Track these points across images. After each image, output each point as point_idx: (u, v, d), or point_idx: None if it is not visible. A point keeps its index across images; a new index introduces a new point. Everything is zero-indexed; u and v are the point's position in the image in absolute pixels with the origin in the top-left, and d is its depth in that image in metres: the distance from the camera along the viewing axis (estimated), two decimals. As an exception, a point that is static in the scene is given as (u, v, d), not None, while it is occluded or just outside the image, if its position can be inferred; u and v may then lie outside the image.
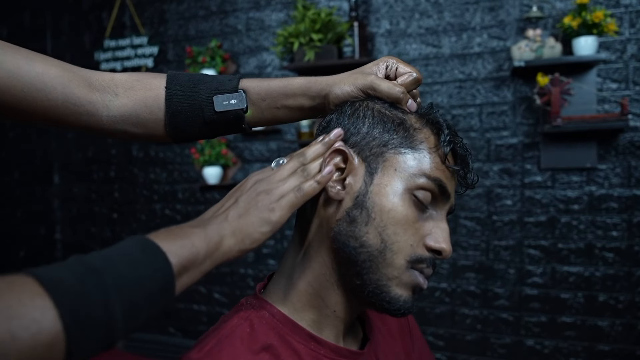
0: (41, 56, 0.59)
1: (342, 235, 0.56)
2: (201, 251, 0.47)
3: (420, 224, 0.56)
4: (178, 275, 0.45)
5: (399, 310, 0.56)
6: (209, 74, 0.67)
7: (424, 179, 0.55)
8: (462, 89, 2.32)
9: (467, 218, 2.33)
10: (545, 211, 2.22)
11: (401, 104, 0.60)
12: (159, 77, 0.65)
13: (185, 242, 0.46)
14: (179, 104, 0.63)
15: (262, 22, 2.64)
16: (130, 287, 0.40)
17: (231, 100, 0.63)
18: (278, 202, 0.52)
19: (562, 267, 2.19)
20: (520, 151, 2.25)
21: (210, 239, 0.48)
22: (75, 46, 3.02)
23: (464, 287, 2.33)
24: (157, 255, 0.43)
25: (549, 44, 2.08)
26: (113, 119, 0.64)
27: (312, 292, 0.58)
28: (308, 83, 0.63)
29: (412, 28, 2.39)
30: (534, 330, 2.22)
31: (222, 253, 0.49)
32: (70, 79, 0.60)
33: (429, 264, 0.56)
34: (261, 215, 0.51)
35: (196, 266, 0.47)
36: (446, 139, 0.57)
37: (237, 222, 0.50)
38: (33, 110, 0.58)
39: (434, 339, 2.37)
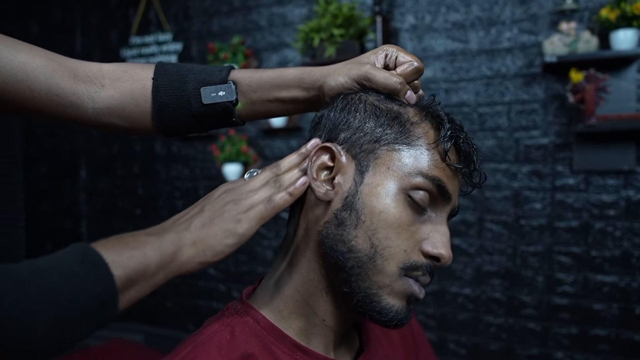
0: (26, 45, 0.57)
1: (329, 238, 0.51)
2: (152, 262, 0.43)
3: (417, 228, 0.50)
4: (123, 289, 0.41)
5: (390, 321, 0.50)
6: (199, 65, 0.62)
7: (420, 178, 0.50)
8: (489, 86, 2.22)
9: (493, 221, 2.22)
10: (578, 216, 2.08)
11: (399, 95, 0.54)
12: (147, 68, 0.62)
13: (134, 252, 0.43)
14: (165, 95, 0.60)
15: (285, 17, 2.60)
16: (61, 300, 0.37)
17: (219, 92, 0.59)
18: (246, 213, 0.48)
19: (596, 276, 2.06)
20: (551, 152, 2.12)
21: (164, 249, 0.44)
22: (103, 43, 3.07)
23: (489, 293, 2.22)
24: (97, 267, 0.40)
25: (584, 38, 1.95)
26: (99, 111, 0.60)
27: (299, 298, 0.54)
28: (302, 74, 0.58)
29: (438, 22, 2.30)
30: (564, 343, 2.09)
31: (179, 264, 0.45)
32: (55, 69, 0.57)
33: (425, 271, 0.50)
34: (226, 226, 0.47)
35: (147, 278, 0.43)
36: (447, 133, 0.51)
37: (199, 232, 0.47)
38: (16, 101, 0.56)
39: (455, 346, 2.28)
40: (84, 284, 0.38)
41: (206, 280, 2.82)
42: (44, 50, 0.58)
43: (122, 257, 0.41)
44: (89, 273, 0.39)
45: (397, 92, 0.54)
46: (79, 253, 0.40)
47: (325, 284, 0.53)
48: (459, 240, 2.28)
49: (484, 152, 2.23)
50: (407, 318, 0.51)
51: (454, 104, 2.27)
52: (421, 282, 0.51)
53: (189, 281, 2.87)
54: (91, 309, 0.39)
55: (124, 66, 0.62)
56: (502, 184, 2.20)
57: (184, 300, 2.89)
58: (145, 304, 2.98)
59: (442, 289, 2.31)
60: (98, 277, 0.39)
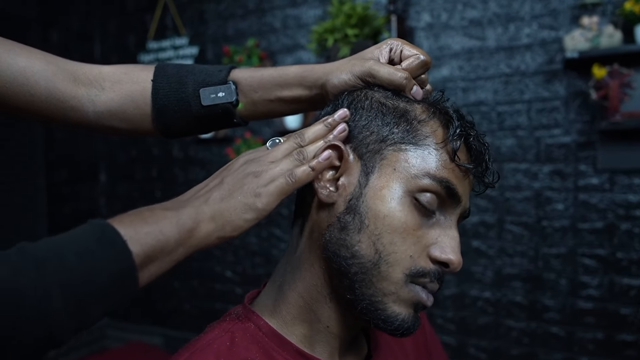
0: (27, 49, 0.56)
1: (332, 243, 0.49)
2: (171, 238, 0.42)
3: (424, 232, 0.48)
4: (142, 266, 0.41)
5: (396, 330, 0.48)
6: (200, 65, 0.62)
7: (427, 179, 0.47)
8: (508, 84, 2.16)
9: (514, 223, 2.16)
10: (603, 217, 2.01)
11: (405, 91, 0.52)
12: (147, 69, 0.61)
13: (152, 228, 0.42)
14: (165, 98, 0.59)
15: (299, 19, 2.59)
16: (77, 280, 0.36)
17: (219, 93, 0.58)
18: (266, 187, 0.46)
19: (622, 279, 1.98)
20: (574, 151, 2.06)
21: (183, 224, 0.43)
22: (121, 48, 3.11)
23: (510, 297, 2.16)
24: (114, 244, 0.39)
25: (607, 32, 1.89)
26: (99, 114, 0.60)
27: (302, 304, 0.52)
28: (303, 72, 0.57)
29: (454, 20, 2.25)
30: (589, 348, 2.02)
31: (198, 240, 0.44)
32: (55, 72, 0.57)
33: (433, 277, 0.48)
34: (246, 200, 0.45)
35: (165, 254, 0.42)
36: (456, 132, 0.48)
37: (218, 206, 0.45)
38: (16, 105, 0.56)
39: (475, 351, 2.22)
40: (101, 262, 0.38)
41: (223, 283, 2.83)
42: (44, 53, 0.57)
43: (139, 233, 0.41)
44: (107, 251, 0.39)
45: (403, 87, 0.52)
46: (96, 230, 0.39)
47: (329, 290, 0.51)
48: (479, 242, 2.23)
49: (503, 152, 2.17)
50: (415, 326, 0.49)
51: (472, 103, 2.23)
52: (429, 289, 0.49)
53: (206, 284, 2.88)
54: (109, 287, 0.38)
55: (124, 68, 0.61)
56: (522, 185, 2.14)
57: (201, 303, 2.90)
58: (164, 307, 3.00)
59: (461, 292, 2.26)
60: (115, 255, 0.39)
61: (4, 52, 0.54)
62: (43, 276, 0.35)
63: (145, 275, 0.42)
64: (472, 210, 2.21)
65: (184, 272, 2.94)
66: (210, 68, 0.60)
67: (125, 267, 0.39)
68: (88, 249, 0.38)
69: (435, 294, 0.50)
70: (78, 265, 0.37)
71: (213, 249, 2.85)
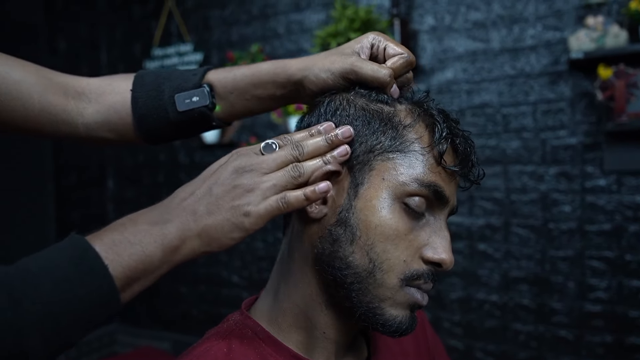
0: (20, 62, 0.57)
1: (325, 255, 0.49)
2: (155, 258, 0.42)
3: (415, 235, 0.48)
4: (125, 287, 0.41)
5: (395, 332, 0.49)
6: (178, 69, 0.61)
7: (415, 185, 0.47)
8: (513, 86, 2.15)
9: (520, 225, 2.14)
10: (610, 219, 1.99)
11: (385, 89, 0.51)
12: (127, 79, 0.61)
13: (135, 249, 0.41)
14: (144, 107, 0.59)
15: (302, 24, 2.60)
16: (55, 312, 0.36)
17: (193, 97, 0.57)
18: (257, 206, 0.44)
19: (631, 281, 1.96)
20: (580, 152, 2.04)
21: (168, 244, 0.43)
22: (127, 56, 3.14)
23: (517, 300, 2.15)
24: (95, 271, 0.39)
25: (613, 32, 1.87)
26: (88, 126, 0.61)
27: (298, 312, 0.52)
28: (275, 69, 0.55)
29: (458, 23, 2.24)
30: (598, 352, 2.00)
31: (183, 256, 0.44)
32: (47, 86, 0.57)
33: (427, 278, 0.48)
34: (234, 219, 0.44)
35: (149, 273, 0.42)
36: (442, 136, 0.48)
37: (205, 221, 0.44)
38: (10, 119, 0.56)
39: (483, 355, 2.21)
40: (81, 290, 0.38)
41: (230, 288, 2.84)
42: (37, 67, 0.58)
43: (122, 256, 0.40)
44: (86, 279, 0.38)
45: (386, 85, 0.51)
46: (75, 253, 0.39)
47: (324, 298, 0.51)
48: (485, 245, 2.21)
49: (509, 154, 2.16)
50: (412, 326, 0.50)
51: (477, 105, 2.21)
52: (423, 290, 0.49)
53: (213, 289, 2.89)
54: (90, 313, 0.39)
55: (107, 79, 0.62)
56: (528, 187, 2.13)
57: (208, 308, 2.91)
58: (172, 312, 3.02)
59: (468, 295, 2.24)
60: (97, 282, 0.39)
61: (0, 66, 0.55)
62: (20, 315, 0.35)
63: (127, 295, 0.42)
64: (478, 213, 2.20)
65: (192, 278, 2.96)
66: (186, 72, 0.60)
67: (106, 292, 0.39)
68: (67, 278, 0.37)
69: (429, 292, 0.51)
70: (57, 297, 0.37)
71: (219, 254, 2.86)
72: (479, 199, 2.21)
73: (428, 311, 2.31)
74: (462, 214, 2.24)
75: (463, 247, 2.25)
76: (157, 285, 3.07)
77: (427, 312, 2.30)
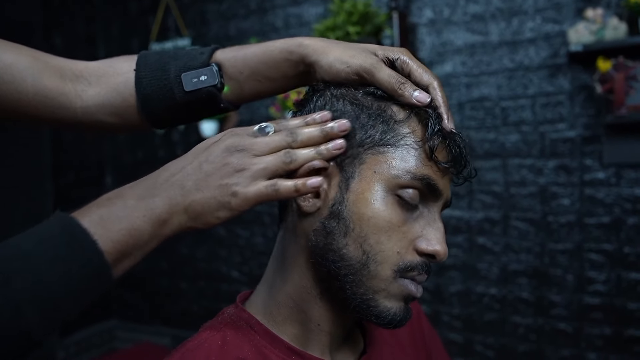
0: (13, 45, 0.55)
1: (319, 248, 0.49)
2: (145, 232, 0.42)
3: (409, 226, 0.48)
4: (116, 262, 0.41)
5: (389, 323, 0.49)
6: (184, 48, 0.59)
7: (408, 177, 0.47)
8: (512, 79, 2.14)
9: (519, 219, 2.15)
10: (609, 212, 1.99)
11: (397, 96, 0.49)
12: (130, 60, 0.59)
13: (124, 223, 0.41)
14: (148, 86, 0.57)
15: (301, 17, 2.59)
16: (48, 289, 0.37)
17: (201, 76, 0.55)
18: (245, 188, 0.44)
19: (630, 273, 1.96)
20: (579, 145, 2.04)
21: (156, 218, 0.42)
22: (124, 51, 3.11)
23: (516, 293, 2.15)
24: (84, 246, 0.39)
25: (612, 25, 1.86)
26: (87, 109, 0.58)
27: (292, 305, 0.52)
28: (290, 47, 0.53)
29: (456, 15, 2.23)
30: (597, 344, 2.01)
31: (170, 230, 0.44)
32: (41, 69, 0.56)
33: (421, 270, 0.49)
34: (221, 197, 0.44)
35: (139, 248, 0.42)
36: (434, 130, 0.48)
37: (192, 197, 0.44)
38: (4, 104, 0.54)
39: (482, 348, 2.21)
40: (73, 267, 0.38)
41: (230, 284, 2.84)
42: (31, 50, 0.56)
43: (111, 230, 0.40)
44: (77, 255, 0.38)
45: (397, 95, 0.49)
46: (64, 231, 0.39)
47: (318, 290, 0.51)
48: (484, 238, 2.21)
49: (508, 147, 2.16)
50: (406, 318, 0.50)
51: (476, 98, 2.21)
52: (417, 281, 0.49)
53: (213, 285, 2.89)
54: (82, 289, 0.39)
55: (109, 61, 0.60)
56: (527, 180, 2.13)
57: (208, 303, 2.91)
58: (172, 308, 3.02)
59: (467, 289, 2.25)
60: (87, 258, 0.39)
61: None
62: (13, 291, 0.35)
63: (119, 270, 0.42)
64: (477, 206, 2.20)
65: (191, 273, 2.96)
66: (193, 51, 0.57)
67: (97, 267, 0.39)
68: (58, 256, 0.38)
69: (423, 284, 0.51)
70: (49, 275, 0.37)
71: (219, 250, 2.86)
72: (478, 193, 2.21)
73: (427, 305, 2.31)
74: (461, 207, 2.24)
75: (462, 240, 2.25)
76: (157, 281, 3.06)
77: (427, 305, 2.31)
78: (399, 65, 0.50)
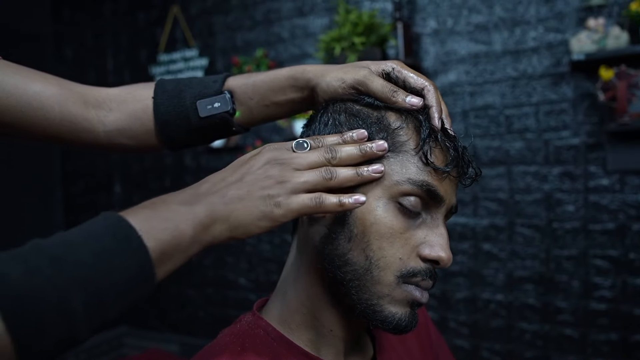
0: (40, 74, 0.60)
1: (325, 253, 0.51)
2: (187, 236, 0.42)
3: (412, 233, 0.50)
4: (159, 262, 0.40)
5: (395, 328, 0.50)
6: (198, 76, 0.64)
7: (408, 184, 0.49)
8: (516, 88, 2.17)
9: (524, 225, 2.16)
10: (614, 218, 2.01)
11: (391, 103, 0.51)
12: (148, 87, 0.64)
13: (168, 224, 0.41)
14: (166, 113, 0.62)
15: (306, 28, 2.63)
16: (95, 279, 0.36)
17: (215, 103, 0.59)
18: (288, 199, 0.45)
19: (635, 279, 1.97)
20: (583, 152, 2.06)
21: (199, 222, 0.43)
22: (133, 62, 3.17)
23: (522, 299, 2.17)
24: (130, 241, 0.39)
25: (614, 34, 1.89)
26: (109, 134, 0.63)
27: (305, 312, 0.54)
28: (295, 74, 0.58)
29: (460, 25, 2.27)
30: (603, 350, 2.02)
31: (212, 237, 0.44)
32: (67, 97, 0.60)
33: (425, 276, 0.50)
34: (264, 207, 0.44)
35: (181, 251, 0.42)
36: (425, 135, 0.50)
37: (234, 206, 0.44)
38: (32, 129, 0.59)
39: (489, 354, 2.22)
40: (118, 260, 0.37)
41: (237, 290, 2.86)
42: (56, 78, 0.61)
43: (155, 229, 0.40)
44: (123, 248, 0.38)
45: (391, 102, 0.51)
46: (110, 225, 0.39)
47: (329, 296, 0.54)
48: (489, 245, 2.23)
49: (512, 155, 2.18)
50: (412, 324, 0.51)
51: (480, 107, 2.24)
52: (422, 287, 0.50)
53: (220, 292, 2.91)
54: (127, 285, 0.38)
55: (128, 88, 0.65)
56: (532, 187, 2.15)
57: (216, 310, 2.93)
58: (179, 315, 3.04)
59: (473, 295, 2.26)
60: (132, 252, 0.38)
61: (21, 78, 0.57)
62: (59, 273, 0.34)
63: (161, 272, 0.41)
64: (482, 213, 2.22)
65: (199, 281, 2.98)
66: (206, 79, 0.62)
67: (142, 264, 0.39)
68: (104, 247, 0.37)
69: (429, 290, 0.52)
70: (95, 264, 0.36)
71: (226, 257, 2.89)
72: (483, 200, 2.23)
73: (434, 311, 2.32)
74: (467, 214, 2.26)
75: (468, 247, 2.27)
76: (165, 287, 3.09)
77: (433, 312, 2.32)
78: (394, 76, 0.53)
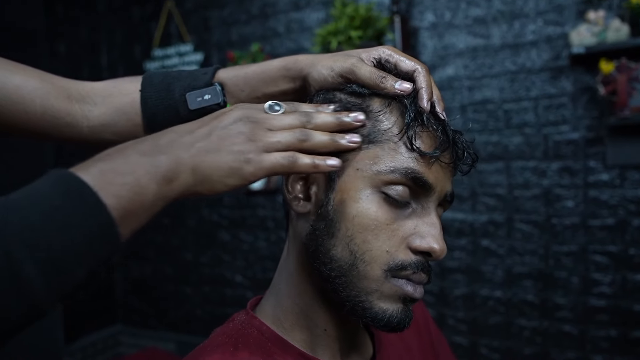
0: (21, 67, 0.57)
1: (312, 251, 0.49)
2: (150, 192, 0.38)
3: (400, 224, 0.47)
4: (122, 220, 0.36)
5: (387, 325, 0.47)
6: (187, 69, 0.61)
7: (391, 173, 0.46)
8: (514, 82, 2.15)
9: (523, 221, 2.14)
10: (613, 213, 1.99)
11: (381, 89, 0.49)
12: (135, 81, 0.61)
13: (127, 178, 0.37)
14: (154, 106, 0.59)
15: (302, 22, 2.60)
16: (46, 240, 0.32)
17: (205, 95, 0.57)
18: (260, 155, 0.42)
19: (635, 275, 1.96)
20: (582, 147, 2.03)
21: (162, 176, 0.39)
22: (127, 58, 3.14)
23: (521, 296, 2.15)
24: (84, 197, 0.35)
25: (614, 27, 1.86)
26: (94, 129, 0.61)
27: (298, 311, 0.52)
28: (287, 64, 0.55)
29: (458, 19, 2.24)
30: (602, 346, 2.00)
31: (176, 193, 0.41)
32: (49, 90, 0.57)
33: (415, 269, 0.47)
34: (233, 163, 0.41)
35: (145, 209, 0.38)
36: (410, 118, 0.46)
37: (201, 159, 0.41)
38: (12, 123, 0.56)
39: (488, 351, 2.21)
40: (71, 219, 0.34)
41: (234, 288, 2.84)
42: (38, 71, 0.58)
43: (113, 184, 0.36)
44: (76, 206, 0.34)
45: (380, 89, 0.49)
46: (58, 184, 0.35)
47: (320, 295, 0.51)
48: (488, 241, 2.21)
49: (511, 150, 2.16)
50: (405, 320, 0.48)
51: (478, 101, 2.21)
52: (415, 281, 0.47)
53: (217, 290, 2.90)
54: (87, 246, 0.34)
55: (113, 82, 0.62)
56: (531, 182, 2.13)
57: (213, 308, 2.92)
58: (176, 313, 3.02)
59: (472, 292, 2.25)
60: (88, 209, 0.34)
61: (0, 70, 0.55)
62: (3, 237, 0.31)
63: (126, 230, 0.37)
64: (481, 209, 2.20)
65: (196, 278, 2.96)
66: (196, 72, 0.60)
67: (102, 223, 0.35)
68: (54, 206, 0.33)
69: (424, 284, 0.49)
70: (45, 225, 0.33)
71: (223, 255, 2.87)
72: (481, 195, 2.21)
73: (432, 308, 2.31)
74: (465, 210, 2.24)
75: (466, 243, 2.25)
76: (162, 286, 3.07)
77: (431, 308, 2.31)
78: (385, 62, 0.51)
